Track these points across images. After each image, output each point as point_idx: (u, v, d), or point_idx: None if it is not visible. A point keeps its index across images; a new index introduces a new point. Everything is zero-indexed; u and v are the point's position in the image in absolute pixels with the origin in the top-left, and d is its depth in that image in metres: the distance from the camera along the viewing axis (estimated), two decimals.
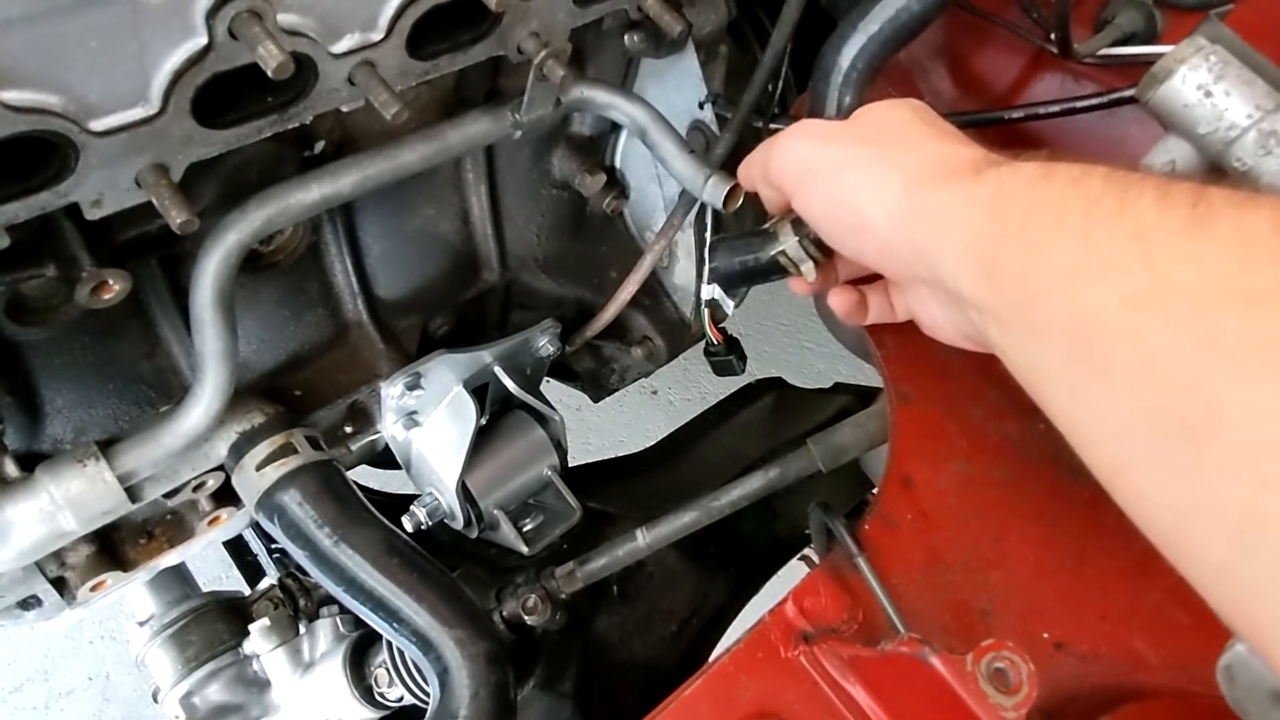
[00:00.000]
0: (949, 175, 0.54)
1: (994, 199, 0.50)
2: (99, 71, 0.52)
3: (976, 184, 0.52)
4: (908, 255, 0.56)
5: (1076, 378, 0.46)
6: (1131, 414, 0.43)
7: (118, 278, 0.63)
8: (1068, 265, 0.45)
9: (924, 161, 0.56)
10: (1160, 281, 0.42)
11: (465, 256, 0.99)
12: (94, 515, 0.68)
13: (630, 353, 1.09)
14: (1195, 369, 0.40)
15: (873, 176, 0.57)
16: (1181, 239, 0.42)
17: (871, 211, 0.57)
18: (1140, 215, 0.44)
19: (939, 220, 0.53)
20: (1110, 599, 0.67)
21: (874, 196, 0.57)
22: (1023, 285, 0.48)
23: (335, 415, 0.88)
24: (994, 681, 0.52)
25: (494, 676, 0.70)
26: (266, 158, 0.71)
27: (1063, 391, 0.47)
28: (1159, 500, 0.43)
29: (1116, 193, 0.45)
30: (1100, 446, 0.46)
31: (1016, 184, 0.50)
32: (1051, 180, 0.48)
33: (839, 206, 0.60)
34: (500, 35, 0.68)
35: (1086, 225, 0.45)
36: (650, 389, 2.44)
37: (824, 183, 0.61)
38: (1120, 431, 0.44)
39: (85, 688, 2.03)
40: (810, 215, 0.64)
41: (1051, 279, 0.46)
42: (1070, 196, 0.47)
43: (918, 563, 0.68)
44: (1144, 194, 0.44)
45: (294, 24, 0.58)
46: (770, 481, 0.89)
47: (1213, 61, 0.55)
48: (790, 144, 0.64)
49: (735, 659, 0.63)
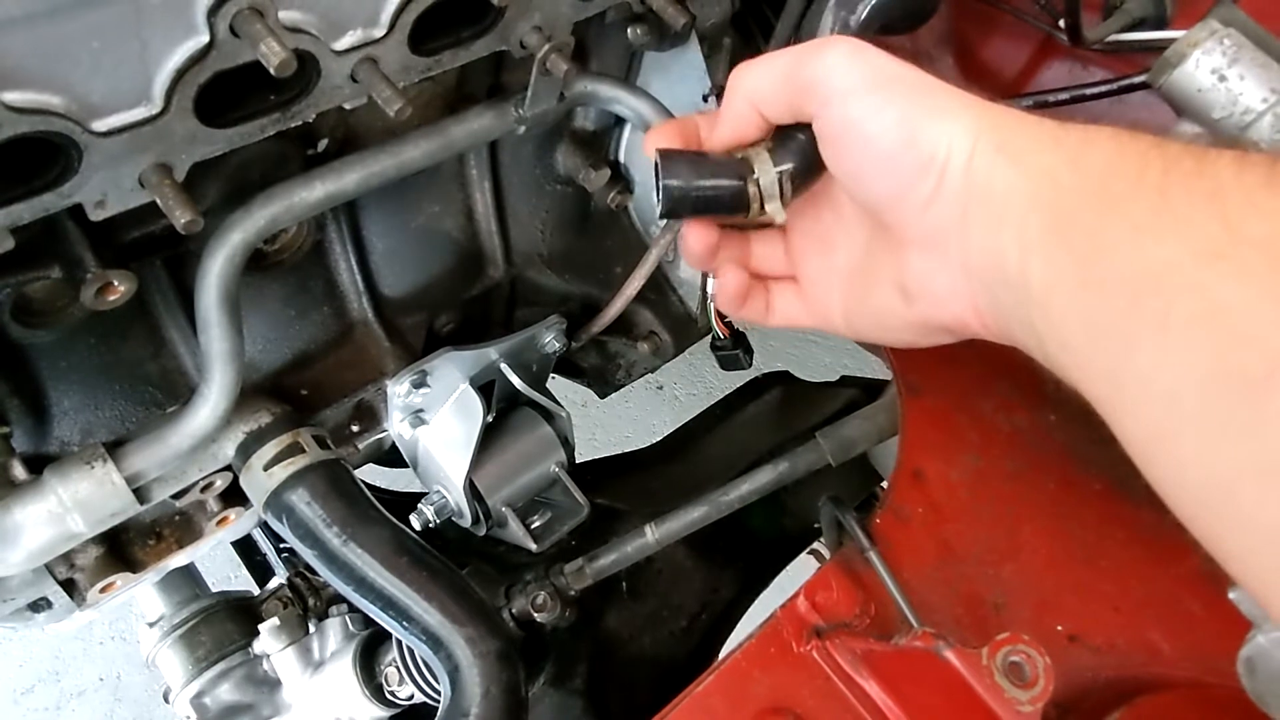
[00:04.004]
0: (1026, 120, 0.51)
1: (1079, 148, 0.48)
2: (101, 71, 0.52)
3: (1063, 130, 0.50)
4: (964, 201, 0.51)
5: (1132, 333, 0.44)
6: (1187, 369, 0.42)
7: (123, 279, 0.63)
8: (1141, 221, 0.44)
9: (994, 107, 0.52)
10: (1234, 236, 0.41)
11: (470, 253, 0.98)
12: (103, 517, 0.68)
13: (636, 348, 1.09)
14: (1263, 321, 0.39)
15: (953, 104, 0.52)
16: (1259, 195, 0.42)
17: (946, 143, 0.51)
18: (1218, 174, 0.43)
19: (1014, 162, 0.49)
20: (1124, 591, 0.67)
21: (951, 126, 0.51)
22: (1092, 239, 0.46)
23: (341, 414, 0.88)
24: (1010, 675, 0.52)
25: (505, 674, 0.70)
26: (270, 156, 0.71)
27: (1113, 349, 0.46)
28: (1207, 463, 0.42)
29: (1195, 154, 0.45)
30: (1145, 408, 0.45)
31: (1102, 138, 0.48)
32: (1136, 139, 0.47)
33: (914, 129, 0.52)
34: (503, 30, 0.68)
35: (1164, 182, 0.44)
36: (656, 384, 2.44)
37: (902, 98, 0.52)
38: (1172, 390, 0.43)
39: (96, 688, 2.03)
40: (856, 134, 0.54)
41: (1123, 233, 0.45)
42: (1153, 155, 0.46)
43: (930, 556, 0.68)
44: (1222, 156, 0.44)
45: (296, 21, 0.57)
46: (779, 475, 0.88)
47: (1227, 45, 0.54)
48: (850, 51, 0.54)
49: (748, 654, 0.63)
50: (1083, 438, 0.75)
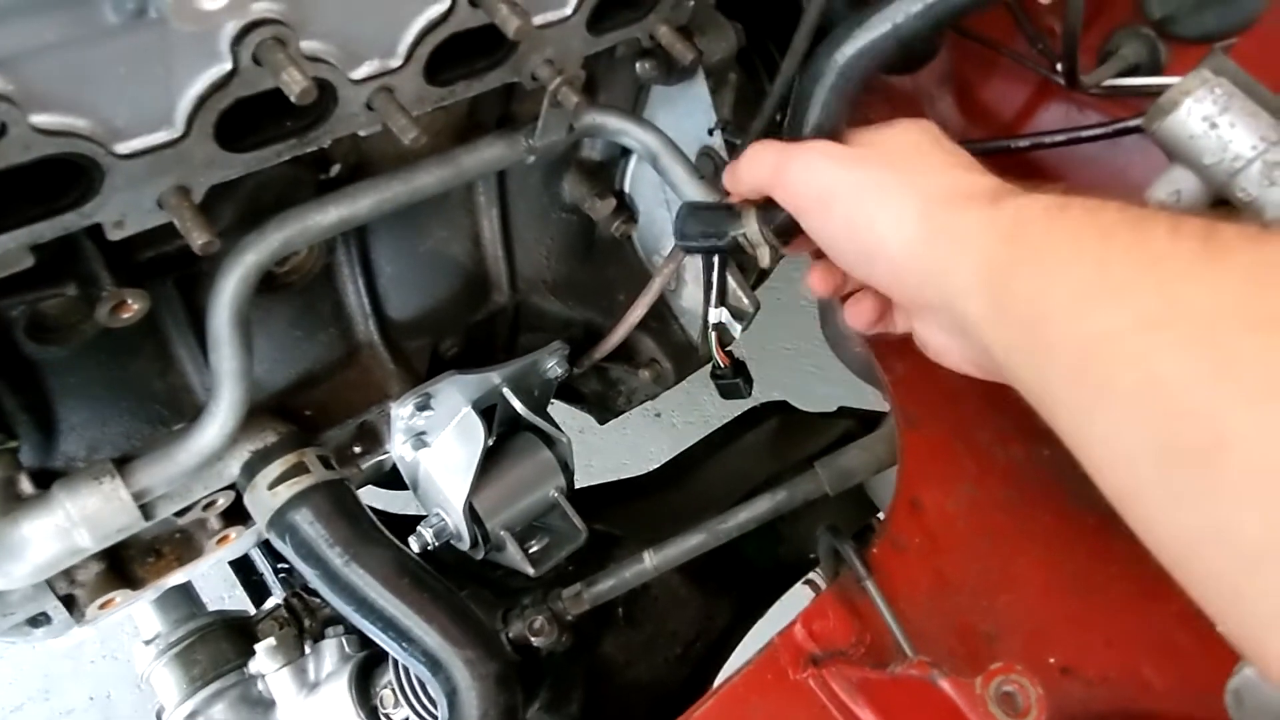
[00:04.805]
0: (965, 201, 0.55)
1: (1011, 226, 0.51)
2: (126, 96, 0.53)
3: (994, 210, 0.53)
4: (918, 279, 0.57)
5: (1084, 400, 0.46)
6: (1139, 438, 0.43)
7: (137, 297, 0.64)
8: (1080, 289, 0.46)
9: (941, 186, 0.57)
10: (1172, 306, 0.42)
11: (476, 278, 0.99)
12: (109, 532, 0.68)
13: (638, 375, 1.10)
14: (1204, 394, 0.40)
15: (891, 201, 0.58)
16: (1196, 266, 0.43)
17: (887, 235, 0.58)
18: (1154, 245, 0.45)
19: (953, 244, 0.54)
20: (1116, 624, 0.68)
21: (891, 220, 0.57)
22: (1033, 306, 0.48)
23: (345, 435, 0.88)
24: (1002, 705, 0.53)
25: (503, 697, 0.71)
26: (284, 180, 0.72)
27: (1071, 414, 0.48)
28: (1169, 525, 0.43)
29: (1131, 223, 0.46)
30: (1109, 470, 0.46)
31: (1035, 212, 0.51)
32: (1067, 211, 0.50)
33: (855, 229, 0.60)
34: (515, 62, 0.70)
35: (1103, 253, 0.46)
36: (653, 412, 2.44)
37: (843, 206, 0.61)
38: (1128, 456, 0.44)
39: (86, 708, 2.01)
40: (824, 236, 0.64)
41: (1063, 300, 0.47)
42: (1086, 225, 0.48)
43: (925, 586, 0.69)
44: (1158, 225, 0.45)
45: (316, 50, 0.59)
46: (777, 504, 0.89)
47: (1218, 94, 0.56)
48: (808, 163, 0.64)
49: (745, 680, 0.64)
50: (1077, 473, 0.76)
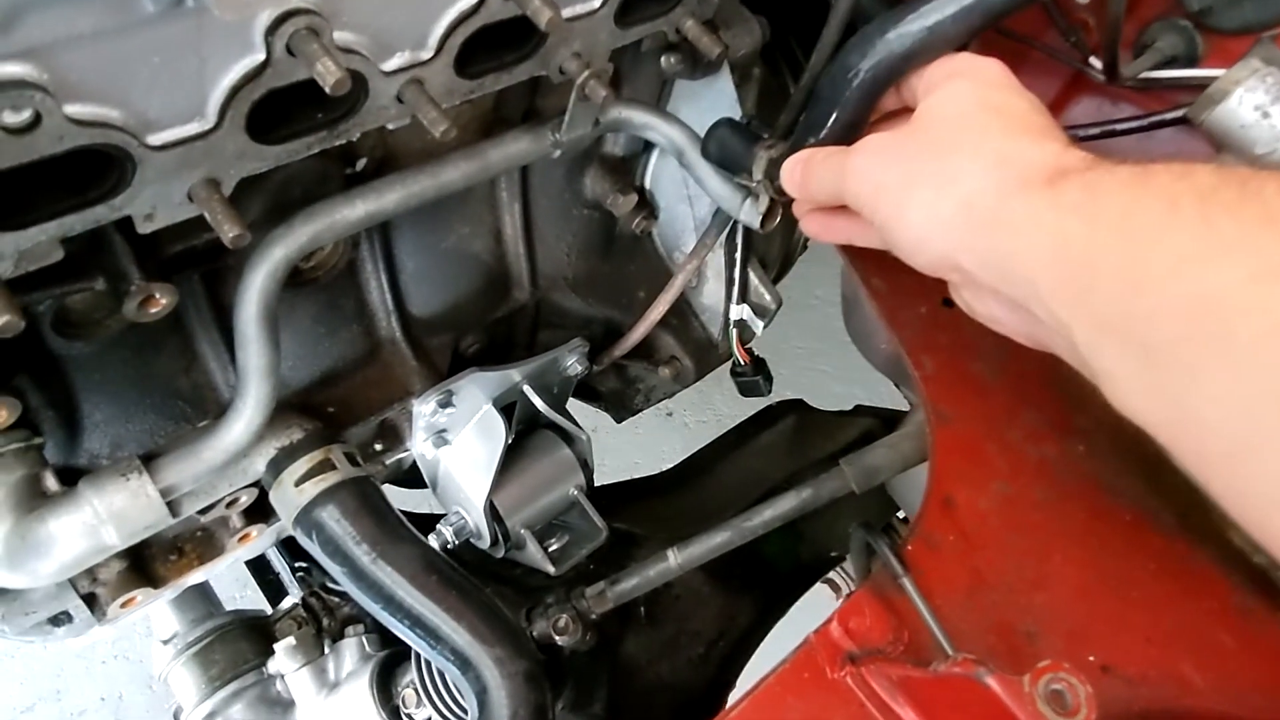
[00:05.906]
0: (1020, 185, 0.53)
1: (1084, 203, 0.50)
2: (160, 86, 0.53)
3: (1054, 193, 0.51)
4: (974, 265, 0.55)
5: (1195, 358, 0.45)
6: (1263, 387, 0.42)
7: (165, 291, 0.63)
8: (1183, 250, 0.45)
9: (988, 168, 0.55)
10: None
11: (497, 275, 0.99)
12: (136, 529, 0.68)
13: (657, 372, 1.09)
14: None
15: (929, 195, 0.57)
16: None
17: (929, 229, 0.57)
18: (1267, 201, 0.44)
19: (1012, 231, 0.52)
20: (1156, 621, 0.67)
21: (930, 216, 0.57)
22: (1123, 277, 0.47)
23: (367, 432, 0.88)
24: (1052, 703, 0.52)
25: (533, 696, 0.70)
26: (311, 174, 0.71)
27: (1174, 378, 0.46)
28: None
29: (1235, 184, 0.46)
30: (1219, 428, 0.45)
31: (1112, 186, 0.50)
32: (1151, 179, 0.48)
33: (903, 225, 0.60)
34: (544, 56, 0.69)
35: (1204, 212, 0.45)
36: (666, 411, 2.44)
37: (892, 203, 0.60)
38: (1246, 408, 0.43)
39: (98, 708, 2.01)
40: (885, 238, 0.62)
41: (1164, 265, 0.46)
42: (1180, 190, 0.47)
43: (961, 584, 0.68)
44: (1266, 184, 0.45)
45: (348, 41, 0.58)
46: (803, 502, 0.88)
47: (1270, 83, 0.55)
48: (859, 164, 0.63)
49: (782, 680, 0.63)
50: (1111, 469, 0.76)
